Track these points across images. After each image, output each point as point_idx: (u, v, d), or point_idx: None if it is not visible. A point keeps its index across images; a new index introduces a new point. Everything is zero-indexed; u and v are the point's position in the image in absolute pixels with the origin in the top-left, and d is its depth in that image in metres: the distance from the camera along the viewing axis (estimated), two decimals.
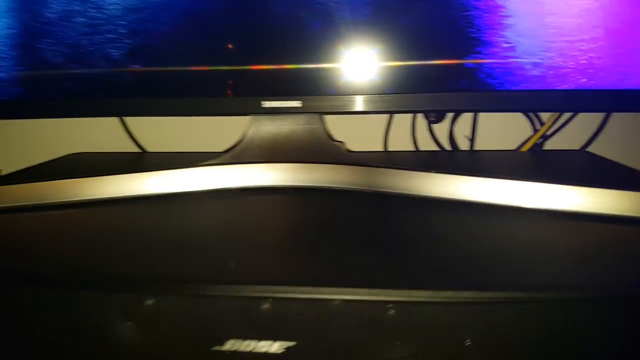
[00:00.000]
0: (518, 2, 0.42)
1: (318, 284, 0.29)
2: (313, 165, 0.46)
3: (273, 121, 0.48)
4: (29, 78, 0.47)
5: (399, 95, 0.44)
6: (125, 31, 0.45)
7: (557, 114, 0.62)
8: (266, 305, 0.29)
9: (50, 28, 0.45)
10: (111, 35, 0.45)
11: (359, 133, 0.61)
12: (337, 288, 0.29)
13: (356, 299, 0.29)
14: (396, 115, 0.63)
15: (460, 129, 0.64)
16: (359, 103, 0.45)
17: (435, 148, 0.65)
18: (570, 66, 0.42)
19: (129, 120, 0.67)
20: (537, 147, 0.63)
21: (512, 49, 0.42)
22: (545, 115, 0.63)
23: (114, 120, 0.66)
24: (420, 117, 0.63)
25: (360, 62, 0.44)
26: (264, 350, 0.29)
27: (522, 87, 0.43)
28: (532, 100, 0.43)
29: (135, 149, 0.68)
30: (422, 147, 0.65)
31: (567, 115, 0.63)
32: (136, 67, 0.45)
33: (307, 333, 0.29)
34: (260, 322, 0.29)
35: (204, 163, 0.46)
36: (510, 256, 0.33)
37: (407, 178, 0.44)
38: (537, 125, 0.64)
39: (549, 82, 0.43)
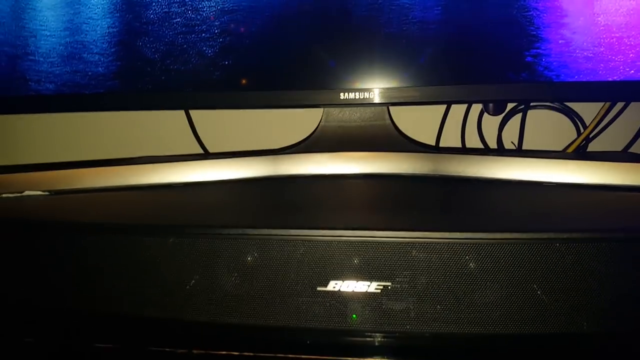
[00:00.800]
0: (571, 3, 0.46)
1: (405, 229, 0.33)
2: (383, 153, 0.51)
3: (343, 113, 0.53)
4: (126, 72, 0.53)
5: (461, 85, 0.49)
6: (217, 31, 0.51)
7: (600, 116, 0.65)
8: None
9: (148, 28, 0.52)
10: (205, 35, 0.51)
11: (411, 131, 0.66)
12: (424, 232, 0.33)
13: (438, 240, 0.33)
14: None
15: (507, 134, 0.68)
16: (423, 94, 0.50)
17: (481, 146, 0.69)
18: (619, 59, 0.46)
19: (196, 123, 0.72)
20: (581, 149, 0.67)
21: (567, 44, 0.47)
22: (588, 118, 0.67)
23: (180, 123, 0.71)
24: (471, 115, 0.67)
25: (426, 57, 0.49)
26: (363, 290, 0.33)
27: (576, 78, 0.47)
28: (584, 90, 0.47)
29: (199, 151, 0.73)
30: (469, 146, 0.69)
31: (609, 117, 0.66)
32: (226, 63, 0.51)
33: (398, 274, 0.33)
34: (359, 266, 0.33)
35: (287, 150, 0.52)
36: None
37: (468, 162, 0.48)
38: (581, 129, 0.67)
39: (599, 74, 0.47)
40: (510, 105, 0.67)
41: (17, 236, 0.38)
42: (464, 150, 0.65)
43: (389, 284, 0.33)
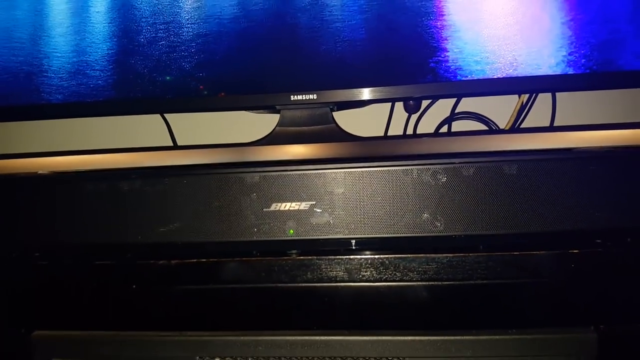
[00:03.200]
0: (462, 22, 0.62)
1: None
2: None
3: (294, 114, 0.67)
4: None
5: (384, 87, 0.63)
6: (193, 50, 0.65)
7: (511, 121, 0.80)
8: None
9: (139, 49, 0.66)
10: (183, 53, 0.65)
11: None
12: None
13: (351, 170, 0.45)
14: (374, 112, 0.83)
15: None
16: (360, 94, 0.64)
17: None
18: (501, 62, 0.61)
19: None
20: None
21: (461, 52, 0.62)
22: (502, 124, 0.81)
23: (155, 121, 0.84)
24: (412, 123, 0.82)
25: (354, 67, 0.63)
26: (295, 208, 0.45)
27: (469, 77, 0.62)
28: (476, 85, 0.62)
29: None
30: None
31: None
32: (200, 75, 0.65)
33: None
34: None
35: (254, 142, 0.64)
36: None
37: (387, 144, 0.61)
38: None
39: (489, 72, 0.62)
40: (438, 116, 0.82)
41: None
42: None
43: (314, 202, 0.45)
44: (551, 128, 0.79)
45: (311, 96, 0.64)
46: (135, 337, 0.47)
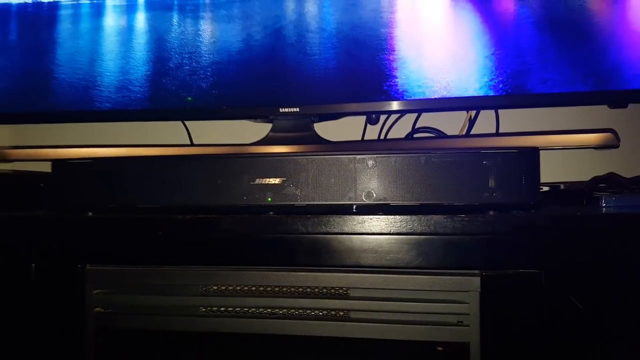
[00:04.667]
0: (408, 57, 0.83)
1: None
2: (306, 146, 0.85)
3: (283, 123, 0.88)
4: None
5: (350, 104, 0.84)
6: (209, 73, 0.87)
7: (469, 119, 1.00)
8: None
9: (169, 72, 0.88)
10: (201, 75, 0.87)
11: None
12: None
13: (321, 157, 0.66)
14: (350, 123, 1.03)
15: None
16: (330, 108, 0.85)
17: None
18: (440, 85, 0.82)
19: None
20: None
21: (408, 78, 0.82)
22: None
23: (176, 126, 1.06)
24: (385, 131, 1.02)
25: (328, 88, 0.85)
26: (273, 182, 0.66)
27: (413, 97, 0.82)
28: (417, 103, 0.82)
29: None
30: None
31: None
32: (212, 92, 0.86)
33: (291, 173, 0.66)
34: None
35: (252, 143, 0.86)
36: None
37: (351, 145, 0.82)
38: None
39: (428, 93, 0.82)
40: (405, 130, 1.02)
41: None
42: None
43: (285, 179, 0.66)
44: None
45: (295, 109, 0.85)
46: (157, 270, 0.68)
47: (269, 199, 0.66)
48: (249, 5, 0.86)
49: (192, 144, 1.06)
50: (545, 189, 0.79)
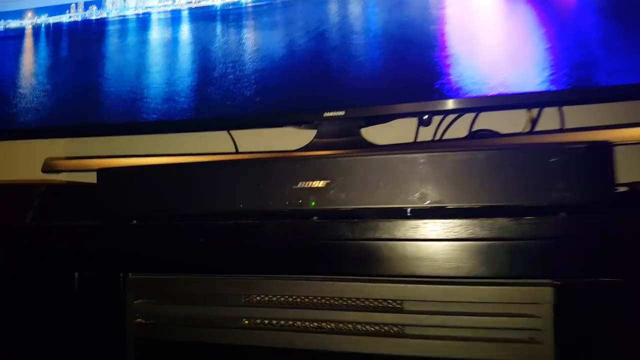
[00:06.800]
0: (461, 52, 0.77)
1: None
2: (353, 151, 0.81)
3: (327, 127, 0.84)
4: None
5: (398, 105, 0.79)
6: (253, 81, 0.85)
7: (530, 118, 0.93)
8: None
9: (214, 81, 0.87)
10: (245, 83, 0.85)
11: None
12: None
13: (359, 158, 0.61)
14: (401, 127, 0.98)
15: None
16: (376, 110, 0.80)
17: None
18: (497, 81, 0.76)
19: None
20: None
21: (460, 75, 0.77)
22: None
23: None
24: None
25: (377, 90, 0.80)
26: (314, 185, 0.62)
27: (468, 95, 0.76)
28: (473, 101, 0.76)
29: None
30: None
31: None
32: (256, 100, 0.85)
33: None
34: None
35: (297, 150, 0.83)
36: None
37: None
38: None
39: (484, 91, 0.76)
40: (462, 132, 0.96)
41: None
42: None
43: (329, 181, 0.61)
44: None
45: (340, 113, 0.81)
46: (198, 279, 0.65)
47: (313, 203, 0.62)
48: (291, 11, 0.84)
49: (236, 152, 1.04)
50: (623, 189, 0.70)
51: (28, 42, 0.93)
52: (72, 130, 0.92)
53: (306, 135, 0.89)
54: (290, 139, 0.96)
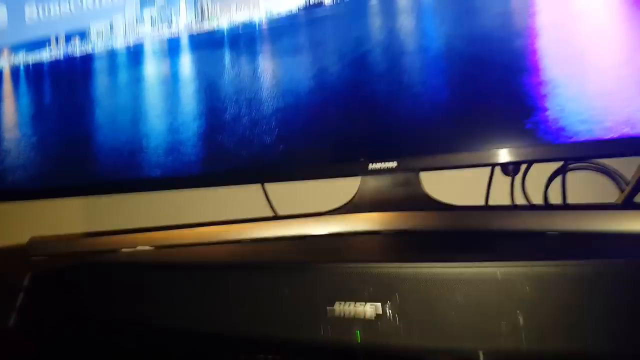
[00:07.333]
0: (562, 76, 0.54)
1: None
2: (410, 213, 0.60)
3: (377, 179, 0.63)
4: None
5: (473, 153, 0.57)
6: (273, 124, 0.65)
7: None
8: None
9: (225, 125, 0.68)
10: (264, 127, 0.66)
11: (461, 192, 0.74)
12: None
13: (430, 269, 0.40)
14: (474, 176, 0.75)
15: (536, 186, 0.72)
16: (444, 161, 0.59)
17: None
18: (611, 120, 0.52)
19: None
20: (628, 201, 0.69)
21: (562, 111, 0.54)
22: (629, 174, 0.69)
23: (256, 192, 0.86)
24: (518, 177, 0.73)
25: (438, 132, 0.59)
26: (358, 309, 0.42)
27: (573, 140, 0.53)
28: (583, 148, 0.53)
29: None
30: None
31: None
32: (278, 147, 0.65)
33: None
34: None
35: (330, 211, 0.63)
36: None
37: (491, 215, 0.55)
38: (623, 185, 0.70)
39: (598, 132, 0.53)
40: (551, 167, 0.72)
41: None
42: (489, 208, 0.71)
43: (379, 304, 0.41)
44: None
45: (390, 164, 0.60)
46: None
47: (358, 334, 0.42)
48: (319, 29, 0.63)
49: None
50: None
51: (7, 87, 0.78)
52: (62, 191, 0.76)
53: (347, 184, 0.68)
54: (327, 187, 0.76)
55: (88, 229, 1.01)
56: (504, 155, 0.56)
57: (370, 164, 0.61)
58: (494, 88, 0.56)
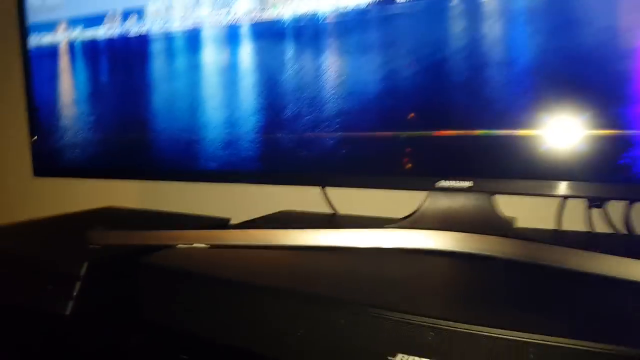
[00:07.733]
0: None
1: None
2: (477, 235, 0.56)
3: (446, 197, 0.59)
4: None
5: (553, 182, 0.52)
6: (337, 126, 0.61)
7: None
8: (431, 333, 0.40)
9: (285, 123, 0.64)
10: (326, 130, 0.62)
11: (532, 211, 0.68)
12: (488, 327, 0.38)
13: (500, 336, 0.38)
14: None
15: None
16: (522, 187, 0.54)
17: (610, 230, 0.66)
18: None
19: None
20: None
21: None
22: None
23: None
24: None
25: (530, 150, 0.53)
26: None
27: None
28: None
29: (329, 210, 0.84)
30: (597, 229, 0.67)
31: None
32: (340, 152, 0.61)
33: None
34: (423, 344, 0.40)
35: (386, 226, 0.60)
36: None
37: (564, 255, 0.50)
38: None
39: None
40: None
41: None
42: (580, 235, 0.65)
43: None
44: None
45: (464, 184, 0.56)
46: None
47: None
48: (391, 28, 0.57)
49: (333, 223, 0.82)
50: None
51: (64, 62, 0.76)
52: (117, 172, 0.76)
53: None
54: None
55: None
56: (597, 190, 0.51)
57: (438, 182, 0.57)
58: (588, 114, 0.50)
